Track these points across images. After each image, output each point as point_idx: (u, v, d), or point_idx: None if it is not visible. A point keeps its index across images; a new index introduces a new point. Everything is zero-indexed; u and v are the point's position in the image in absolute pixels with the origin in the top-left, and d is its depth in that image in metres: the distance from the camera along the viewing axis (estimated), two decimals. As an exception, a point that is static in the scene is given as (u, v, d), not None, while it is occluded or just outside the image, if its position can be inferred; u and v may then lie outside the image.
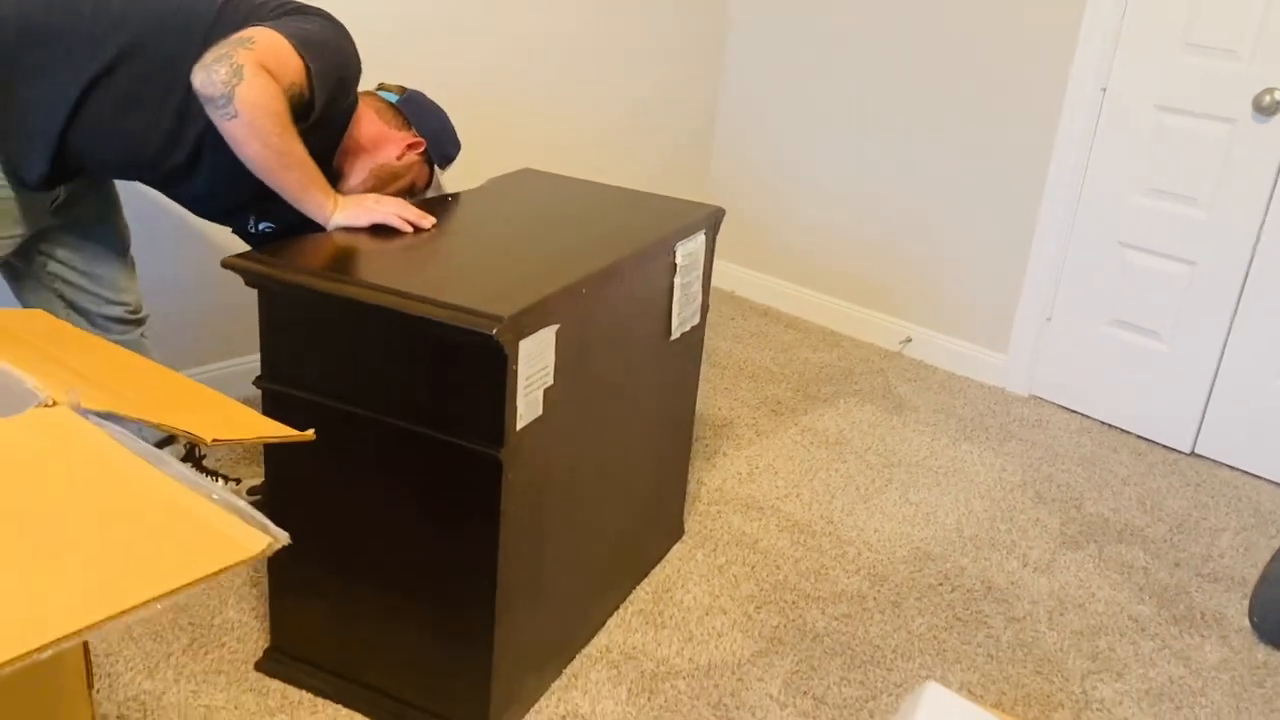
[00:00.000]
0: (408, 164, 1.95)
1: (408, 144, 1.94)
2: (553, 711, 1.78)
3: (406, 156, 1.94)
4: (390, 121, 1.93)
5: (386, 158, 1.91)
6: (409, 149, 1.94)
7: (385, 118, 1.93)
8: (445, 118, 2.01)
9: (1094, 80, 2.86)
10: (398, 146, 1.92)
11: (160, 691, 1.74)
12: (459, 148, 2.03)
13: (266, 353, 1.62)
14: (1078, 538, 2.45)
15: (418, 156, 1.96)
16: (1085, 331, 3.03)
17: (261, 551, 0.70)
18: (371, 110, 1.91)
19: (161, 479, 0.76)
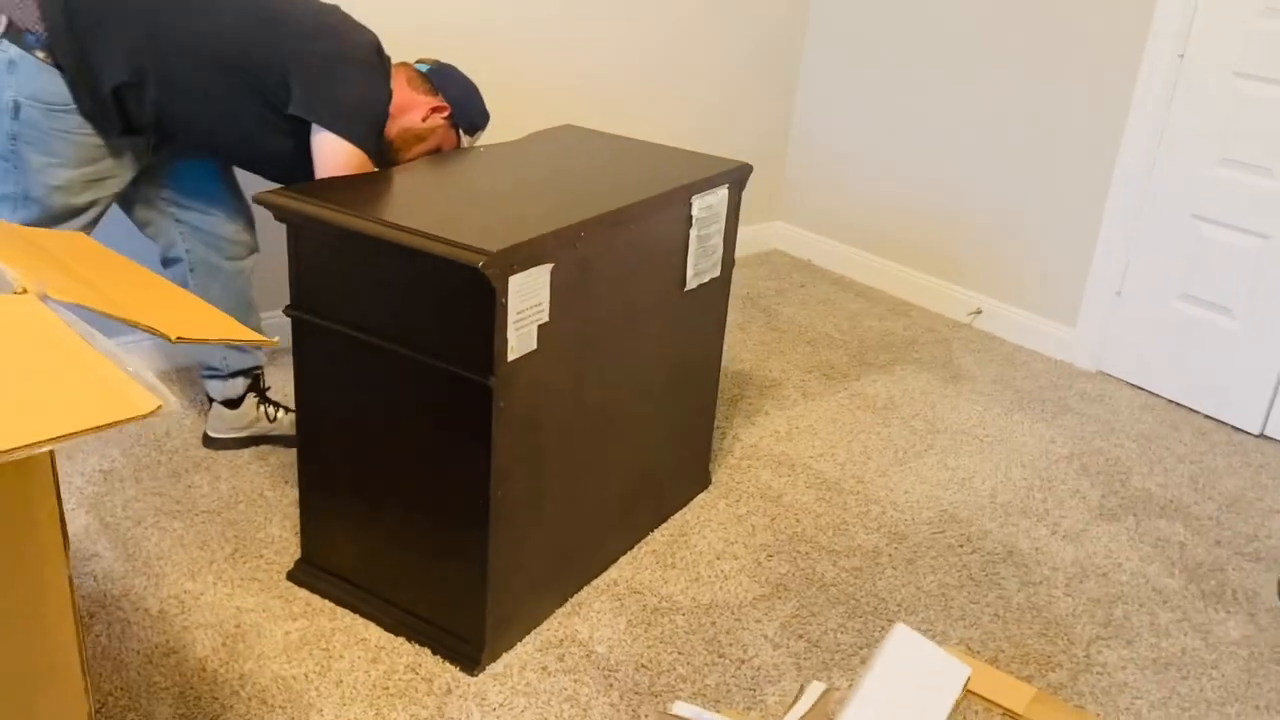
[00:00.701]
0: (431, 126, 2.05)
1: (432, 107, 2.04)
2: (552, 635, 1.88)
3: (431, 119, 2.04)
4: (419, 88, 2.05)
5: (412, 121, 2.03)
6: (433, 112, 2.04)
7: (414, 85, 2.05)
8: (474, 89, 2.11)
9: (1171, 46, 2.77)
10: (423, 110, 2.03)
11: (199, 592, 1.91)
12: (487, 118, 2.13)
13: (294, 283, 1.76)
14: (1116, 510, 2.42)
15: (443, 120, 2.06)
16: (1155, 306, 2.95)
17: (152, 411, 0.81)
18: (402, 78, 2.04)
19: (89, 351, 0.88)
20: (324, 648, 1.80)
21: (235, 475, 2.25)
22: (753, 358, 3.03)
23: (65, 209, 1.96)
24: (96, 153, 1.95)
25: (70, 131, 1.90)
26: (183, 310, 1.20)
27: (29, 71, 1.86)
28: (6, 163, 1.92)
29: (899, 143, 3.49)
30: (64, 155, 1.92)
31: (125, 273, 1.36)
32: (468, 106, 2.10)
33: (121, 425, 0.81)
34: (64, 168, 1.93)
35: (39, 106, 1.87)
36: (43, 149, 1.91)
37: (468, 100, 2.10)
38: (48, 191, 1.93)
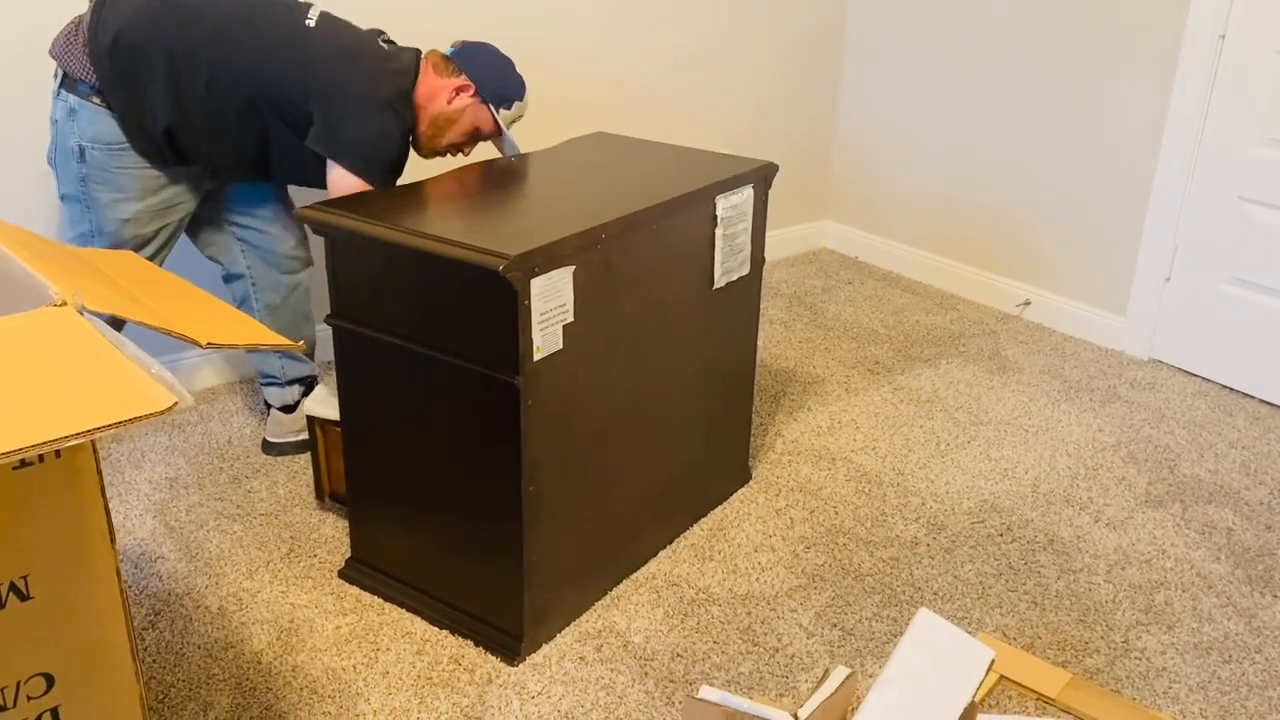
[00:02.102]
0: (459, 108, 2.09)
1: (456, 88, 2.08)
2: (590, 626, 1.94)
3: (456, 100, 2.08)
4: (443, 72, 2.09)
5: (439, 107, 2.09)
6: (458, 92, 2.08)
7: (439, 70, 2.09)
8: (501, 62, 2.13)
9: (1212, 27, 2.74)
10: (447, 93, 2.08)
11: (256, 590, 2.01)
12: (520, 87, 2.14)
13: (333, 293, 1.85)
14: (1163, 497, 2.40)
15: (470, 99, 2.09)
16: (1205, 291, 2.91)
17: (168, 407, 0.89)
18: (429, 66, 2.10)
19: (117, 356, 0.96)
20: (372, 641, 1.88)
21: (292, 480, 2.36)
22: (797, 355, 3.06)
23: (135, 239, 2.08)
24: (158, 184, 2.08)
25: (132, 168, 2.03)
26: (215, 319, 1.28)
27: (88, 117, 1.99)
28: (79, 203, 2.06)
29: (943, 137, 3.49)
30: (129, 190, 2.05)
31: (168, 287, 1.45)
32: (495, 79, 2.11)
33: (142, 420, 0.89)
34: (130, 201, 2.06)
35: (101, 148, 2.01)
36: (110, 186, 2.04)
37: (494, 73, 2.11)
38: (118, 225, 2.06)
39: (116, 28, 1.96)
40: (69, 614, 1.15)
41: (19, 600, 1.11)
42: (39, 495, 1.07)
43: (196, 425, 2.57)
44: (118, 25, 1.96)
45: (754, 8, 3.42)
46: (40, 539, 1.10)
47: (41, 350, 0.98)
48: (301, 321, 2.43)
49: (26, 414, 0.89)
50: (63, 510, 1.11)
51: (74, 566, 1.14)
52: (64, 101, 2.01)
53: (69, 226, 2.10)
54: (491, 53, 2.15)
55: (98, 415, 0.88)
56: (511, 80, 2.14)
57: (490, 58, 2.14)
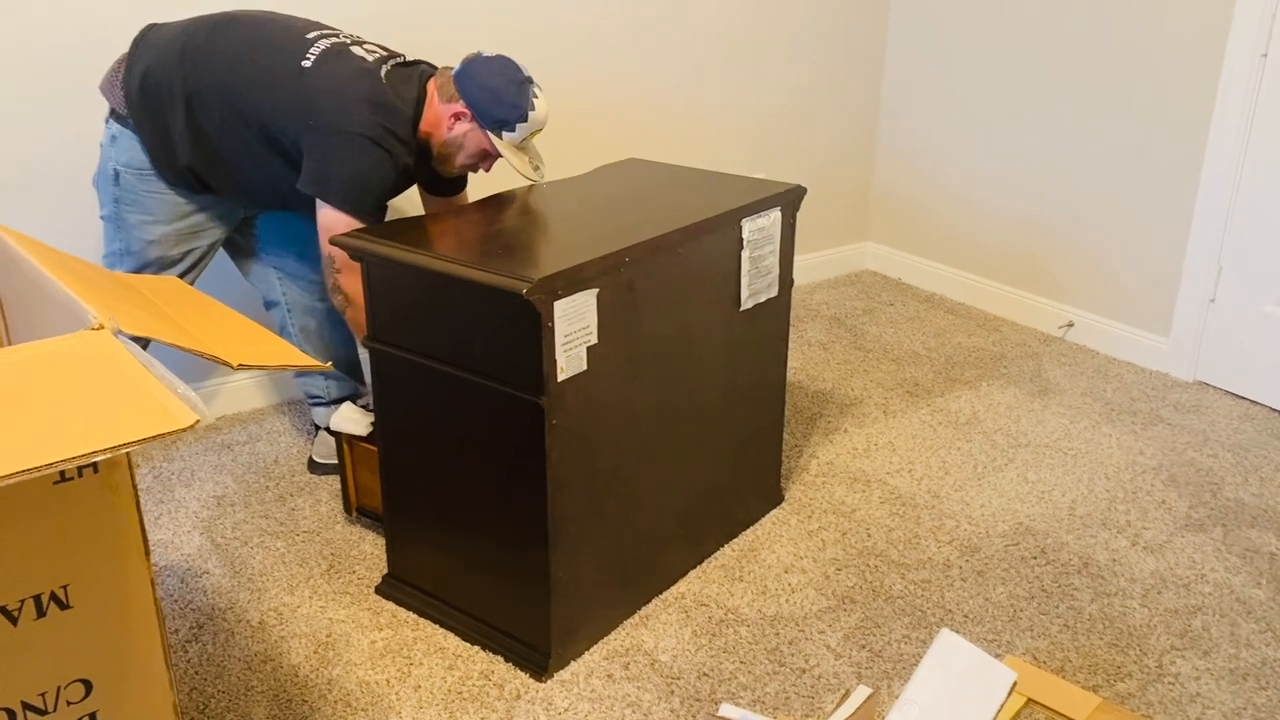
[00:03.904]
0: (459, 134, 2.06)
1: (453, 115, 2.05)
2: (618, 644, 1.97)
3: (456, 127, 2.06)
4: (445, 96, 2.06)
5: (441, 134, 2.08)
6: (455, 119, 2.05)
7: (442, 94, 2.07)
8: (498, 83, 2.02)
9: (1253, 46, 2.71)
10: (446, 121, 2.06)
11: (296, 605, 2.07)
12: (517, 111, 2.03)
13: (369, 316, 1.91)
14: (1204, 521, 2.36)
15: (469, 125, 2.05)
16: (1250, 312, 2.86)
17: (190, 425, 0.95)
18: (434, 91, 2.08)
19: (147, 377, 1.02)
20: (405, 656, 1.93)
21: (335, 498, 2.42)
22: (834, 377, 3.07)
23: (160, 260, 2.18)
24: (186, 210, 2.18)
25: (159, 192, 2.14)
26: (248, 341, 1.34)
27: (124, 144, 2.12)
28: (112, 224, 2.18)
29: (984, 158, 3.48)
30: (157, 213, 2.15)
31: (205, 310, 1.52)
32: (489, 105, 2.03)
33: (166, 438, 0.94)
34: (157, 224, 2.16)
35: (133, 172, 2.12)
36: (139, 209, 2.14)
37: (488, 97, 2.03)
38: (144, 246, 2.17)
39: (144, 69, 2.08)
40: (106, 622, 1.21)
41: (59, 609, 1.17)
42: (78, 508, 1.13)
43: (245, 445, 2.65)
44: (145, 66, 2.08)
45: (791, 28, 3.45)
46: (79, 550, 1.16)
47: (78, 371, 1.04)
48: (339, 345, 2.50)
49: (62, 430, 0.95)
50: (100, 523, 1.16)
51: (111, 577, 1.20)
52: (109, 129, 2.15)
53: (105, 244, 2.22)
54: (488, 71, 2.05)
55: (126, 432, 0.93)
56: (506, 103, 2.03)
57: (485, 78, 2.04)
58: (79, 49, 2.32)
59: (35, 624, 1.16)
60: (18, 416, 0.97)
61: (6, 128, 2.32)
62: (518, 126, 2.06)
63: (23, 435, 0.94)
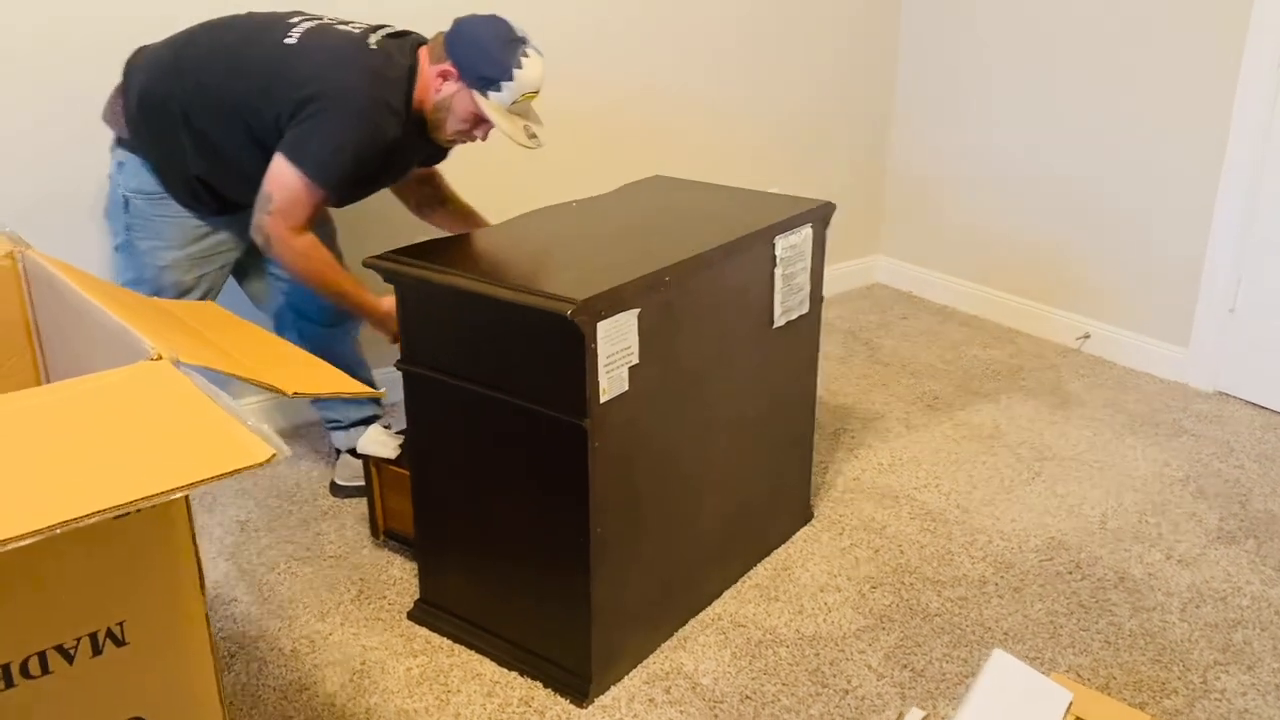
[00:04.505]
0: (447, 95, 1.98)
1: (439, 74, 1.96)
2: (658, 668, 1.94)
3: (443, 88, 1.97)
4: (435, 57, 1.98)
5: (432, 98, 1.99)
6: (443, 79, 1.97)
7: (434, 55, 1.99)
8: (484, 37, 1.94)
9: (1270, 58, 2.72)
10: (434, 82, 1.97)
11: (328, 632, 2.04)
12: (502, 67, 1.93)
13: (405, 339, 1.88)
14: (1236, 533, 2.35)
15: (456, 85, 1.97)
16: (1271, 322, 2.86)
17: (267, 459, 0.92)
18: (425, 54, 2.01)
19: (215, 410, 1.00)
20: (443, 683, 1.90)
21: (359, 521, 2.39)
22: (855, 391, 3.05)
23: (174, 285, 2.15)
24: (200, 232, 2.14)
25: (172, 216, 2.11)
26: (299, 367, 1.32)
27: (132, 169, 2.10)
28: (124, 253, 2.15)
29: (996, 170, 3.48)
30: (169, 238, 2.12)
31: (247, 336, 1.49)
32: (474, 61, 1.94)
33: (241, 473, 0.92)
34: (169, 249, 2.13)
35: (143, 197, 2.09)
36: (150, 234, 2.12)
37: (473, 53, 1.94)
38: (157, 272, 2.13)
39: (140, 89, 2.06)
40: (162, 659, 1.18)
41: (115, 646, 1.15)
42: (135, 543, 1.11)
43: (264, 469, 2.61)
44: (140, 86, 2.06)
45: (803, 41, 3.45)
46: (136, 586, 1.13)
47: (142, 404, 1.02)
48: (355, 368, 2.46)
49: (133, 467, 0.92)
50: (157, 558, 1.14)
51: (167, 612, 1.17)
52: (115, 156, 2.13)
53: (118, 275, 2.18)
54: (475, 27, 1.97)
55: (200, 468, 0.91)
56: (492, 59, 1.93)
57: (473, 35, 1.96)
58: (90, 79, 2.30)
59: (91, 662, 1.13)
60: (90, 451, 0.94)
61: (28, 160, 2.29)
62: (504, 86, 1.95)
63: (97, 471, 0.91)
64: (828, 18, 3.47)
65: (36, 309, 1.48)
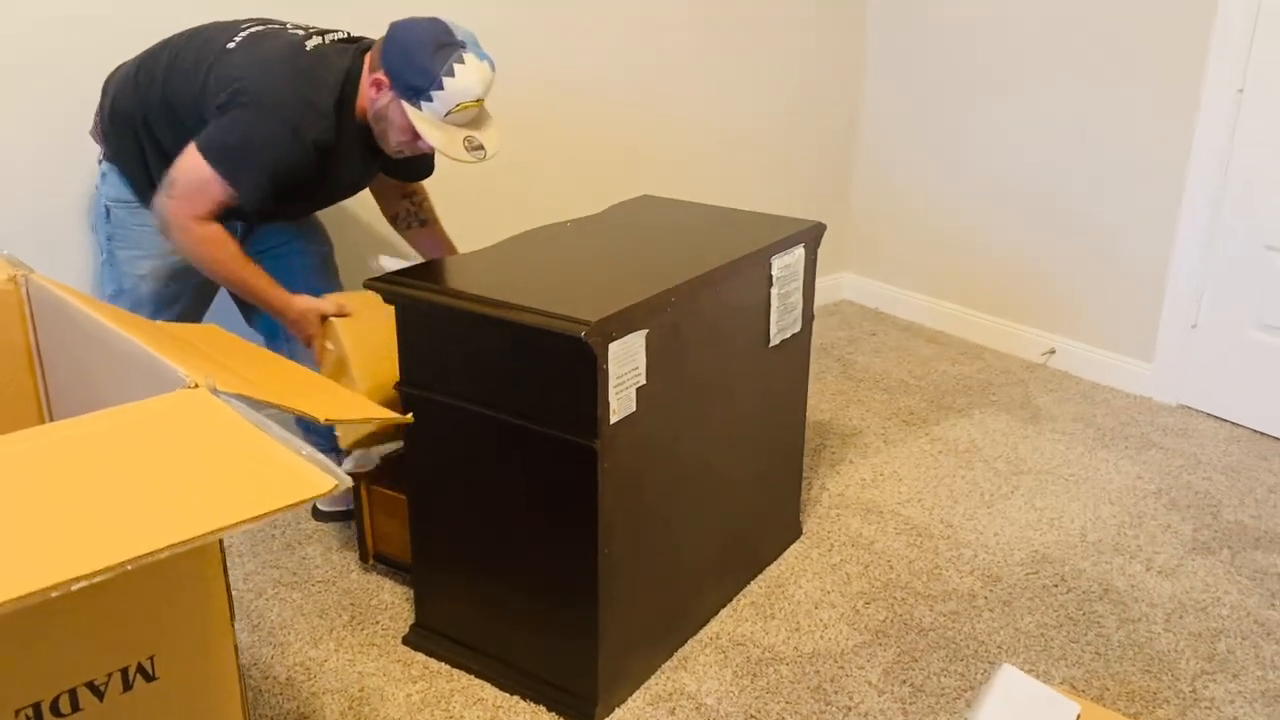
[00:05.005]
0: (382, 105, 1.90)
1: (373, 82, 1.88)
2: (661, 689, 1.94)
3: (377, 99, 1.90)
4: (372, 66, 1.90)
5: (371, 105, 1.91)
6: (375, 89, 1.89)
7: (371, 62, 1.91)
8: (414, 44, 1.84)
9: (1230, 82, 2.81)
10: (373, 90, 1.90)
11: (323, 659, 2.00)
12: (427, 76, 1.82)
13: (404, 361, 1.86)
14: (1210, 543, 2.42)
15: (389, 95, 1.88)
16: (1233, 338, 2.95)
17: (330, 490, 0.91)
18: (368, 60, 1.93)
19: (264, 439, 0.98)
20: (445, 709, 1.88)
21: (345, 545, 2.35)
22: (831, 407, 3.09)
23: (153, 296, 2.12)
24: None
25: (148, 225, 2.08)
26: (323, 393, 1.30)
27: (112, 179, 2.09)
28: (107, 265, 2.15)
29: (961, 188, 3.55)
30: (146, 247, 2.10)
31: (257, 359, 1.47)
32: (402, 69, 1.84)
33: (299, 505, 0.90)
34: (147, 258, 2.11)
35: (122, 205, 2.09)
36: (130, 244, 2.10)
37: (403, 62, 1.84)
38: (136, 282, 2.11)
39: (111, 101, 2.07)
40: (191, 693, 1.15)
41: (145, 681, 1.11)
42: (171, 577, 1.08)
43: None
44: (111, 99, 2.07)
45: (770, 60, 3.48)
46: (168, 619, 1.10)
47: (189, 434, 0.99)
48: None
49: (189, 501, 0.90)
50: (189, 590, 1.11)
51: (197, 646, 1.14)
52: (100, 169, 2.13)
53: (102, 288, 2.16)
54: (406, 32, 1.86)
55: (261, 501, 0.89)
56: (419, 68, 1.82)
57: (402, 40, 1.86)
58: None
59: (122, 698, 1.10)
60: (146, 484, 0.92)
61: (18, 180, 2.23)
62: (434, 95, 1.83)
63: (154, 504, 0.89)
64: (795, 36, 3.51)
65: (40, 334, 1.44)
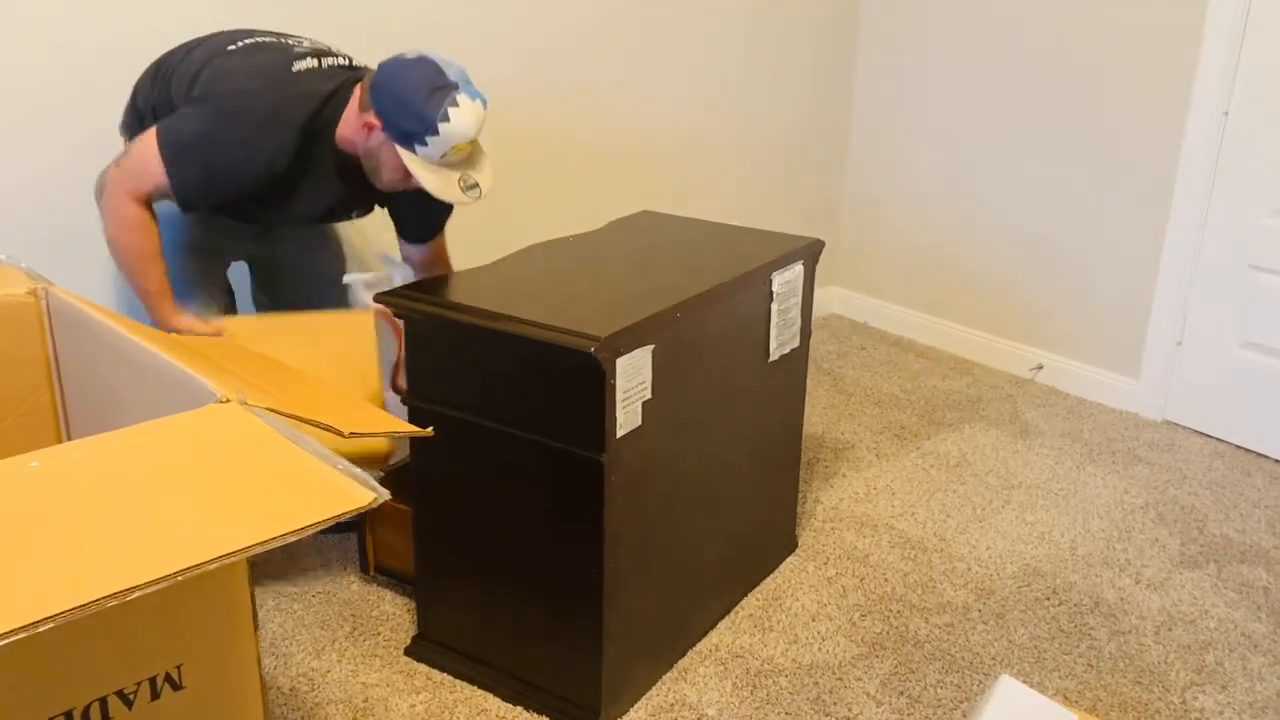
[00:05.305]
0: (375, 146, 1.89)
1: (364, 124, 1.88)
2: (662, 700, 1.96)
3: (371, 139, 1.89)
4: (363, 105, 1.88)
5: (362, 144, 1.91)
6: (366, 130, 1.88)
7: (361, 101, 1.89)
8: (407, 88, 1.82)
9: (1215, 104, 2.87)
10: (360, 131, 1.89)
11: (325, 670, 2.01)
12: (424, 122, 1.81)
13: (411, 375, 1.88)
14: (1197, 557, 2.46)
15: (382, 137, 1.87)
16: (1217, 355, 3.01)
17: (369, 503, 0.93)
18: (358, 93, 1.92)
19: (301, 454, 1.00)
20: (449, 719, 1.89)
21: (344, 556, 2.37)
22: (823, 421, 3.12)
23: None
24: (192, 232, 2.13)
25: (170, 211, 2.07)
26: (344, 407, 1.32)
27: None
28: None
29: (949, 204, 3.60)
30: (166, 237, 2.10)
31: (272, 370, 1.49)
32: (396, 115, 1.83)
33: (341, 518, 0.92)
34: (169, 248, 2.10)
35: None
36: None
37: (394, 105, 1.83)
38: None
39: (132, 96, 2.08)
40: (216, 702, 1.17)
41: (172, 690, 1.13)
42: (200, 588, 1.10)
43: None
44: (132, 93, 2.08)
45: (758, 74, 3.53)
46: (196, 630, 1.12)
47: (225, 448, 1.01)
48: None
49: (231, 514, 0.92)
50: (219, 601, 1.13)
51: (223, 655, 1.16)
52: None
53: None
54: (396, 75, 1.84)
55: (303, 515, 0.91)
56: (413, 113, 1.81)
57: (393, 84, 1.84)
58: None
59: (149, 706, 1.12)
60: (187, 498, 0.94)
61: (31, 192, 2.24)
62: (429, 140, 1.83)
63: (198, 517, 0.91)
64: (786, 54, 3.56)
65: (59, 347, 1.46)
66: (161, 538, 0.88)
